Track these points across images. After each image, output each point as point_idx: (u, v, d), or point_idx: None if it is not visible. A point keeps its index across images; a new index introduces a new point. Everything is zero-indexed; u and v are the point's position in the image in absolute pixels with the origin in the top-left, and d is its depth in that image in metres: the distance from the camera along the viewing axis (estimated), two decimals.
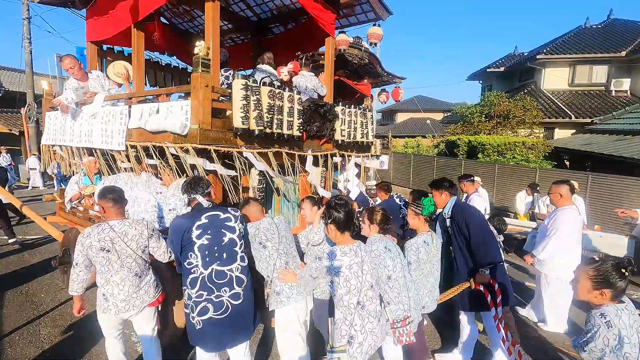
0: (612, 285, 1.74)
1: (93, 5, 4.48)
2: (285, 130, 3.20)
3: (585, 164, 11.00)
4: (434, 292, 2.84)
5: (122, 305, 2.38)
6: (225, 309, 2.29)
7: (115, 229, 2.32)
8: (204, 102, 2.64)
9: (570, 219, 3.54)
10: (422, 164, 13.09)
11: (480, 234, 2.85)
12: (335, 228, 2.23)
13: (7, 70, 18.75)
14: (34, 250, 5.82)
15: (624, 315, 1.71)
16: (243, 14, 5.38)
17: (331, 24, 4.37)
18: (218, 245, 2.32)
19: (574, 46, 15.47)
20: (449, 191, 3.07)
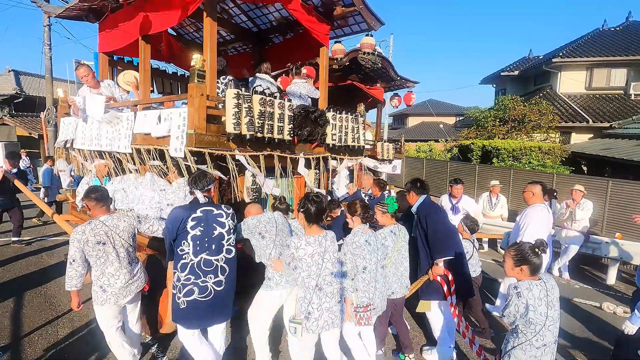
0: (528, 262, 2.12)
1: (105, 20, 4.85)
2: (276, 134, 3.47)
3: (604, 169, 10.78)
4: (403, 279, 3.14)
5: (120, 293, 2.68)
6: (208, 293, 2.58)
7: (107, 223, 2.61)
8: (199, 109, 2.93)
9: (539, 215, 3.78)
10: (435, 169, 12.91)
11: (435, 228, 3.14)
12: (304, 218, 2.55)
13: (28, 76, 19.54)
14: (52, 252, 6.00)
15: (534, 289, 2.06)
16: (245, 25, 5.69)
17: (325, 35, 4.64)
18: (208, 237, 2.60)
19: (591, 49, 15.20)
20: (417, 191, 3.34)
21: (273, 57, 5.64)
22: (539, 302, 2.04)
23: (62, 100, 5.32)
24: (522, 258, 2.13)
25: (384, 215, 3.13)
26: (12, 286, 4.59)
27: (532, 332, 2.06)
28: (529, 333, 2.07)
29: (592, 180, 8.35)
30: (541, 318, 2.03)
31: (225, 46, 6.47)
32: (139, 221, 2.80)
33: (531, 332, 2.06)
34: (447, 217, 3.60)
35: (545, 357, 2.09)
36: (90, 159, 4.72)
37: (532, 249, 2.14)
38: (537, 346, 2.07)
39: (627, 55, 14.24)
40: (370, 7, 4.55)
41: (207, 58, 3.27)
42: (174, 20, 3.71)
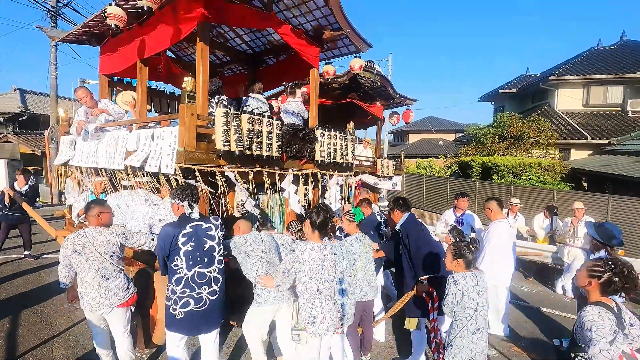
0: (464, 257, 2.51)
1: (106, 44, 5.10)
2: (264, 151, 3.62)
3: (605, 185, 10.80)
4: (372, 282, 3.32)
5: (93, 303, 2.77)
6: (203, 303, 2.71)
7: (88, 235, 2.74)
8: (189, 128, 3.09)
9: (499, 231, 3.97)
10: (435, 185, 12.90)
11: (418, 246, 3.25)
12: (309, 224, 2.67)
13: (33, 94, 20.01)
14: (51, 270, 5.94)
15: (468, 278, 2.48)
16: (240, 47, 5.95)
17: (315, 57, 4.86)
18: (200, 251, 2.72)
19: (587, 67, 15.54)
20: (401, 209, 3.47)
21: (267, 78, 5.87)
22: (472, 289, 2.44)
23: (63, 119, 5.51)
24: (459, 253, 2.53)
25: (350, 224, 3.36)
26: (8, 304, 4.58)
27: (467, 316, 2.43)
28: (465, 318, 2.44)
29: (593, 197, 8.33)
30: (473, 303, 2.42)
31: (222, 67, 6.72)
32: (125, 237, 2.87)
33: (467, 317, 2.43)
34: (430, 235, 3.69)
35: (480, 342, 2.45)
36: (87, 176, 4.87)
37: (467, 245, 2.55)
38: (472, 331, 2.42)
39: (622, 73, 14.55)
40: (357, 31, 4.79)
41: (199, 79, 3.46)
42: (167, 43, 3.93)
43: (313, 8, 4.48)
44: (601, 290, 1.98)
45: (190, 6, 3.43)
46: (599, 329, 1.85)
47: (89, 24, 4.73)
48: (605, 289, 1.97)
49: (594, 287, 1.99)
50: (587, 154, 13.93)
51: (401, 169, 8.12)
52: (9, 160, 14.03)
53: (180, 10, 3.55)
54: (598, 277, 1.97)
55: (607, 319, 1.89)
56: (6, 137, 15.88)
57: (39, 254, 6.76)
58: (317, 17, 4.64)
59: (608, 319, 1.89)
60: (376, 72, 6.42)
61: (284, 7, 4.55)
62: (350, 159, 4.97)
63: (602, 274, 1.96)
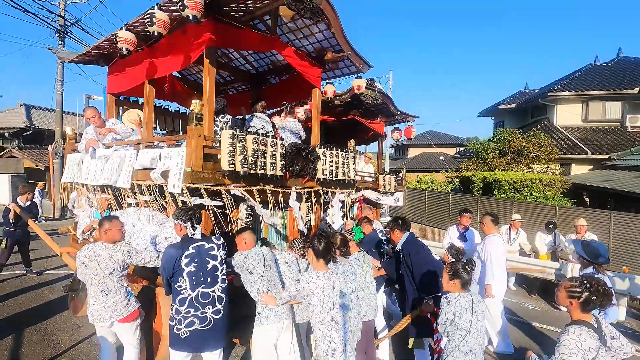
0: (460, 277, 2.56)
1: (114, 64, 5.26)
2: (268, 170, 3.70)
3: (606, 200, 10.81)
4: (371, 302, 3.31)
5: (96, 314, 2.86)
6: (208, 322, 2.75)
7: (95, 250, 2.82)
8: (196, 148, 3.19)
9: (496, 247, 4.06)
10: (437, 200, 12.88)
11: (421, 266, 3.29)
12: (313, 254, 2.68)
13: (38, 109, 20.38)
14: (53, 287, 5.99)
15: (461, 299, 2.51)
16: (243, 67, 6.11)
17: (317, 77, 5.00)
18: (203, 271, 2.78)
19: (585, 83, 15.79)
20: (401, 228, 3.53)
21: (269, 97, 6.01)
22: (465, 310, 2.46)
23: (70, 137, 5.63)
24: (455, 273, 2.57)
25: (350, 243, 3.34)
26: (11, 322, 4.59)
27: (459, 337, 2.46)
28: (457, 339, 2.48)
29: (595, 213, 8.31)
30: (466, 324, 2.44)
31: (226, 86, 6.88)
32: (130, 256, 2.92)
33: (459, 338, 2.47)
34: (432, 254, 3.74)
35: None
36: (92, 193, 4.95)
37: (464, 266, 2.59)
38: (464, 352, 2.44)
39: (620, 89, 14.77)
40: (358, 52, 4.94)
41: (206, 101, 3.57)
42: (177, 66, 4.07)
43: (315, 31, 4.64)
44: (582, 309, 2.10)
45: (198, 31, 3.57)
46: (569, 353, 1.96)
47: (99, 46, 4.89)
48: (585, 307, 2.09)
49: (575, 307, 2.12)
50: (588, 169, 14.00)
51: (403, 185, 8.16)
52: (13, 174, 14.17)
53: (189, 35, 3.70)
54: (577, 297, 2.10)
55: (590, 338, 1.98)
56: (11, 152, 16.08)
57: (41, 270, 6.78)
58: (319, 39, 4.80)
59: (591, 337, 1.98)
60: (377, 89, 6.56)
61: (288, 30, 4.71)
62: (352, 176, 5.05)
63: (580, 294, 2.09)
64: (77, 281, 4.84)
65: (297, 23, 4.55)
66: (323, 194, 4.73)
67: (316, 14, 4.02)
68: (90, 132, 4.78)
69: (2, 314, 4.80)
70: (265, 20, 4.46)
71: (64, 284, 4.87)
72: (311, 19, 4.05)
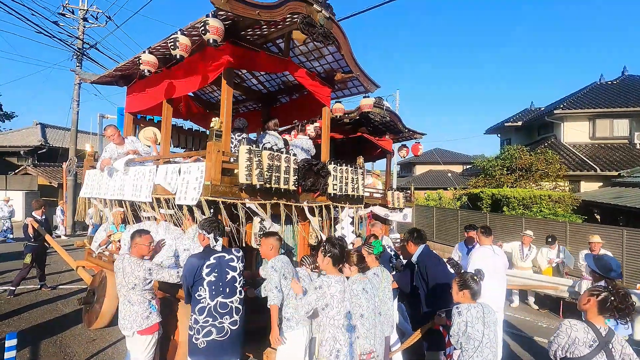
0: (469, 288, 2.61)
1: (133, 85, 5.53)
2: (282, 185, 3.85)
3: (618, 217, 10.79)
4: (389, 317, 3.32)
5: (121, 323, 2.98)
6: (225, 332, 2.82)
7: (123, 262, 2.96)
8: (215, 163, 3.35)
9: (479, 257, 4.06)
10: (446, 217, 12.88)
11: (436, 279, 3.34)
12: (330, 260, 2.77)
13: (53, 128, 21.03)
14: (67, 300, 6.08)
15: (472, 310, 2.54)
16: (255, 87, 6.37)
17: (327, 97, 5.21)
18: (222, 281, 2.88)
19: (591, 101, 15.93)
20: (415, 241, 3.61)
21: (280, 115, 6.21)
22: (476, 320, 2.49)
23: (89, 154, 5.86)
24: (464, 284, 2.63)
25: (369, 257, 3.39)
26: (28, 335, 4.65)
27: (472, 347, 2.48)
28: (470, 349, 2.50)
29: (607, 230, 8.26)
30: (478, 334, 2.47)
31: (238, 105, 7.13)
32: (150, 273, 3.02)
33: (472, 348, 2.49)
34: (447, 267, 3.78)
35: None
36: (110, 207, 5.12)
37: (472, 277, 2.65)
38: None
39: (627, 106, 14.89)
40: (366, 73, 5.16)
41: (224, 119, 3.76)
42: (195, 86, 4.30)
43: (326, 53, 4.88)
44: (598, 308, 2.15)
45: (217, 54, 3.80)
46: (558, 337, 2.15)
47: (120, 68, 5.17)
48: (602, 307, 2.14)
49: (592, 304, 2.18)
50: (597, 186, 13.95)
51: (411, 201, 8.20)
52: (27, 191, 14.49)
53: (208, 58, 3.93)
54: (596, 295, 2.17)
55: (582, 332, 2.07)
56: (26, 169, 16.49)
57: (55, 285, 6.89)
58: (329, 61, 5.05)
59: (584, 332, 2.07)
60: (385, 107, 6.73)
61: (299, 52, 4.96)
62: (361, 191, 5.17)
63: (600, 292, 2.17)
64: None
65: (308, 46, 4.80)
66: (333, 209, 4.84)
67: (327, 37, 4.27)
68: (111, 150, 4.99)
69: (18, 327, 4.87)
70: (278, 43, 4.72)
71: (79, 297, 4.96)
72: (322, 42, 4.30)
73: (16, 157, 18.18)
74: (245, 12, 3.37)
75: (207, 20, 3.22)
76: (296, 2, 3.81)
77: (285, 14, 3.73)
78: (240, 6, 3.32)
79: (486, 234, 4.29)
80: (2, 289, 6.30)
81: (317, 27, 4.05)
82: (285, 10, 3.72)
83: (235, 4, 3.27)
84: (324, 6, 4.16)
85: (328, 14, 4.21)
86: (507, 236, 9.22)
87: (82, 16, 13.29)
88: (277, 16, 3.67)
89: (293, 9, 3.78)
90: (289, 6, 3.73)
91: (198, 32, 3.49)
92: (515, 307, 7.07)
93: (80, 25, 13.20)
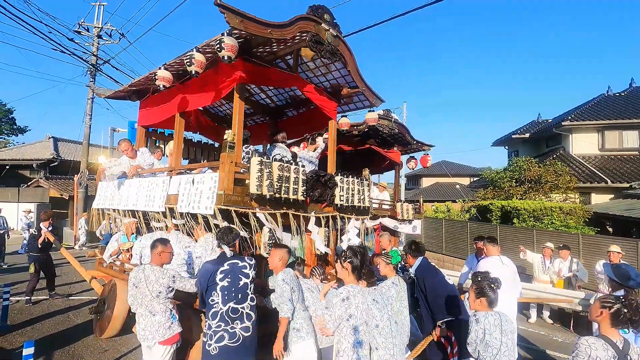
0: (486, 295, 2.59)
1: (146, 99, 5.75)
2: (291, 195, 3.97)
3: (631, 230, 10.63)
4: (404, 327, 3.31)
5: (142, 334, 3.01)
6: (237, 338, 2.86)
7: (145, 272, 3.03)
8: (228, 173, 3.49)
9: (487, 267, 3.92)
10: (455, 229, 12.68)
11: (435, 291, 3.39)
12: (350, 268, 2.73)
13: (65, 142, 21.53)
14: (79, 311, 6.12)
15: (490, 317, 2.52)
16: (263, 101, 6.57)
17: (333, 110, 5.38)
18: (235, 287, 2.95)
19: (600, 112, 15.83)
20: (413, 254, 3.68)
21: (288, 128, 6.39)
22: (494, 328, 2.47)
23: (102, 167, 6.05)
24: (481, 291, 2.60)
25: (387, 267, 3.41)
26: (40, 346, 4.60)
27: (490, 356, 2.46)
28: (488, 357, 2.47)
29: (622, 241, 8.09)
30: (496, 342, 2.45)
31: (246, 118, 7.30)
32: (174, 280, 3.11)
33: (490, 357, 2.46)
34: (445, 278, 3.82)
35: None
36: (121, 217, 5.26)
37: (489, 284, 2.62)
38: None
39: (636, 118, 14.78)
40: (371, 88, 5.34)
41: (236, 131, 3.92)
42: (208, 100, 4.49)
43: (333, 69, 5.07)
44: (611, 321, 2.12)
45: (230, 70, 3.99)
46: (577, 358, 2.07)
47: (135, 84, 5.40)
48: (615, 319, 2.11)
49: (604, 317, 2.14)
50: (609, 198, 13.73)
51: (420, 213, 8.15)
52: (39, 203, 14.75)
53: (221, 74, 4.13)
54: (609, 308, 2.13)
55: (602, 350, 2.03)
56: (38, 181, 16.84)
57: (66, 295, 6.97)
58: (335, 77, 5.23)
59: (603, 350, 2.03)
60: (394, 120, 6.83)
61: (307, 68, 5.16)
62: (367, 202, 5.27)
63: (612, 304, 2.13)
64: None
65: (316, 62, 5.00)
66: (340, 219, 4.94)
67: (334, 54, 4.46)
68: (124, 163, 5.18)
69: (32, 337, 4.93)
70: (287, 59, 4.92)
71: (90, 307, 5.04)
72: (329, 59, 4.49)
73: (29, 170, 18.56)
74: (258, 31, 3.57)
75: (222, 38, 3.41)
76: (306, 21, 4.01)
77: (295, 32, 3.93)
78: (253, 25, 3.51)
79: (492, 244, 4.30)
80: (15, 299, 6.37)
81: (324, 45, 4.24)
82: (295, 29, 3.91)
83: (248, 23, 3.46)
84: (332, 25, 4.36)
85: (335, 32, 4.41)
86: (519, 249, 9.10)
87: (97, 33, 13.81)
88: (288, 34, 3.86)
89: (302, 28, 3.98)
90: (298, 25, 3.93)
91: (212, 50, 3.69)
92: (533, 322, 6.93)
93: (95, 42, 13.70)
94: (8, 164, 18.15)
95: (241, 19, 3.37)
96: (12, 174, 18.43)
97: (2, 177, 18.09)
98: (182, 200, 3.81)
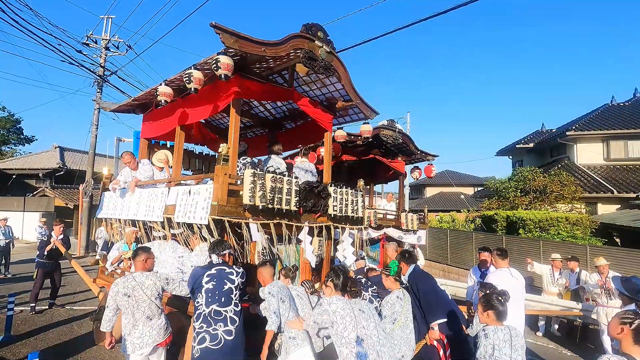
0: (494, 308, 2.53)
1: (149, 112, 5.97)
2: (284, 206, 4.11)
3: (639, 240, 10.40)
4: (410, 342, 3.36)
5: (137, 342, 3.04)
6: (219, 341, 2.93)
7: (137, 279, 3.12)
8: (222, 185, 3.65)
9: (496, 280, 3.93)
10: (460, 240, 12.54)
11: (425, 294, 3.49)
12: (332, 286, 2.86)
13: (71, 151, 21.97)
14: (82, 322, 6.20)
15: (499, 332, 2.47)
16: (262, 114, 6.76)
17: (329, 123, 5.54)
18: (219, 290, 3.06)
19: (604, 122, 15.82)
20: (406, 261, 3.79)
21: (285, 140, 6.56)
22: (504, 343, 2.42)
23: (106, 177, 6.24)
24: (488, 304, 2.56)
25: (388, 279, 3.50)
26: (46, 355, 4.75)
27: None
28: None
29: (630, 253, 8.00)
30: (506, 358, 2.39)
31: (246, 130, 7.53)
32: (167, 283, 3.24)
33: None
34: (437, 283, 3.94)
35: None
36: (123, 226, 5.42)
37: (497, 297, 2.58)
38: None
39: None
40: (365, 101, 5.50)
41: (231, 144, 4.09)
42: (207, 114, 4.68)
43: (327, 83, 5.25)
44: (634, 338, 1.97)
45: (226, 86, 4.18)
46: None
47: (138, 98, 5.62)
48: (637, 336, 1.97)
49: (626, 335, 2.00)
50: (615, 208, 13.64)
51: (425, 223, 8.13)
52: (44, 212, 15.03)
53: (218, 89, 4.32)
54: (630, 324, 1.99)
55: None
56: (43, 191, 17.17)
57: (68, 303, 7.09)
58: (330, 90, 5.41)
59: None
60: (398, 130, 6.92)
61: (302, 82, 5.34)
62: (360, 213, 5.39)
63: (632, 320, 1.99)
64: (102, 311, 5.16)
65: (311, 77, 5.17)
66: (334, 229, 5.06)
67: (328, 69, 4.64)
68: (126, 174, 5.37)
69: (35, 347, 5.04)
70: (283, 74, 5.11)
71: (92, 316, 5.17)
72: (323, 74, 4.67)
73: (35, 180, 18.96)
74: (252, 50, 3.75)
75: (218, 57, 3.60)
76: (299, 39, 4.20)
77: (289, 50, 4.11)
78: (247, 44, 3.70)
79: (502, 256, 4.22)
80: (18, 309, 6.48)
81: (318, 61, 4.42)
82: (289, 47, 4.10)
83: (243, 42, 3.65)
84: (325, 42, 4.54)
85: (329, 48, 4.59)
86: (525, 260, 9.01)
87: (105, 45, 14.24)
88: (281, 52, 4.05)
89: (296, 45, 4.17)
90: (292, 43, 4.12)
91: (210, 67, 3.88)
92: (541, 337, 6.86)
93: (103, 53, 14.12)
94: (15, 173, 18.56)
95: (235, 38, 3.56)
96: (18, 183, 18.85)
97: (8, 186, 18.48)
98: (179, 211, 3.97)
